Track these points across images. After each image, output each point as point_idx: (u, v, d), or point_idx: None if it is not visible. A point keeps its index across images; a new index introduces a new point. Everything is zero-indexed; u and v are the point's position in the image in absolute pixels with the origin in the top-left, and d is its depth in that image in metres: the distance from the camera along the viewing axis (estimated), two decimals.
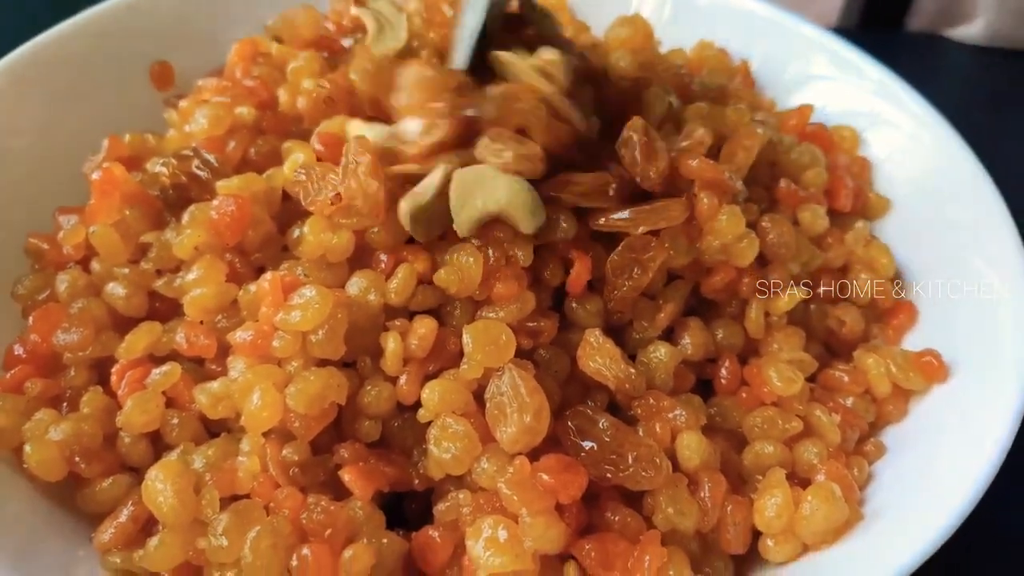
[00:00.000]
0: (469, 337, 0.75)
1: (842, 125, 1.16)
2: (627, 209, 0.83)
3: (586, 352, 0.79)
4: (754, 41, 1.27)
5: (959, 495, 0.75)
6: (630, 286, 0.82)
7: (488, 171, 0.79)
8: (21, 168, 1.03)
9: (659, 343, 0.84)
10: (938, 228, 1.04)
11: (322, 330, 0.76)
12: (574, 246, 0.83)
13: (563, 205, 0.82)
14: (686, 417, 0.79)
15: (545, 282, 0.83)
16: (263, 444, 0.76)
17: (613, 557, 0.73)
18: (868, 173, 1.12)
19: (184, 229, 0.84)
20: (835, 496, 0.78)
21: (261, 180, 0.87)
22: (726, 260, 0.88)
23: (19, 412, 0.81)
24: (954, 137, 1.07)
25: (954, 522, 0.73)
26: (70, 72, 1.11)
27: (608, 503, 0.77)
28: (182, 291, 0.83)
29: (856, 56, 1.20)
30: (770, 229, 0.91)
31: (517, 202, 0.78)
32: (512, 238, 0.80)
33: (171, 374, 0.80)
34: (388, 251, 0.81)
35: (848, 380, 0.92)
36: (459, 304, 0.81)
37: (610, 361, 0.78)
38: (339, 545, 0.71)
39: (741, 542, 0.79)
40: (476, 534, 0.71)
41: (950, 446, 0.83)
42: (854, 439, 0.88)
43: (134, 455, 0.81)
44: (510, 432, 0.72)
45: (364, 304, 0.79)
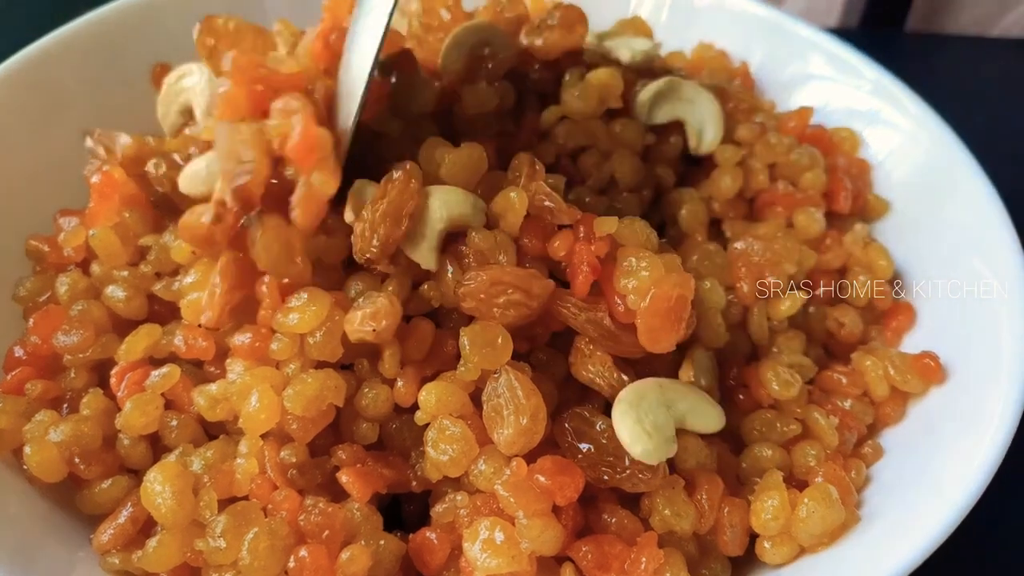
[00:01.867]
0: (466, 339, 0.76)
1: (842, 127, 1.16)
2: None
3: (578, 360, 0.80)
4: (753, 42, 1.28)
5: (957, 498, 0.75)
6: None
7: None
8: (22, 170, 1.04)
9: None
10: (937, 229, 1.04)
11: (320, 332, 0.76)
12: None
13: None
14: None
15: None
16: (261, 446, 0.76)
17: (610, 559, 0.73)
18: (867, 175, 1.12)
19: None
20: (832, 498, 0.78)
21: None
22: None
23: (19, 413, 0.81)
24: (952, 138, 1.07)
25: (951, 525, 0.73)
26: (71, 74, 1.12)
27: (605, 505, 0.77)
28: (180, 295, 0.84)
29: (854, 57, 1.20)
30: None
31: (457, 211, 0.78)
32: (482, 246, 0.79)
33: (170, 376, 0.81)
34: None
35: (846, 382, 0.92)
36: (455, 308, 0.81)
37: (602, 369, 0.78)
38: (337, 546, 0.72)
39: (738, 544, 0.79)
40: (473, 536, 0.72)
41: (948, 448, 0.83)
42: (852, 441, 0.88)
43: (133, 457, 0.81)
44: (507, 434, 0.73)
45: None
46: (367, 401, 0.77)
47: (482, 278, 0.75)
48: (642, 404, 0.76)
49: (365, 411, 0.78)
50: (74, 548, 0.78)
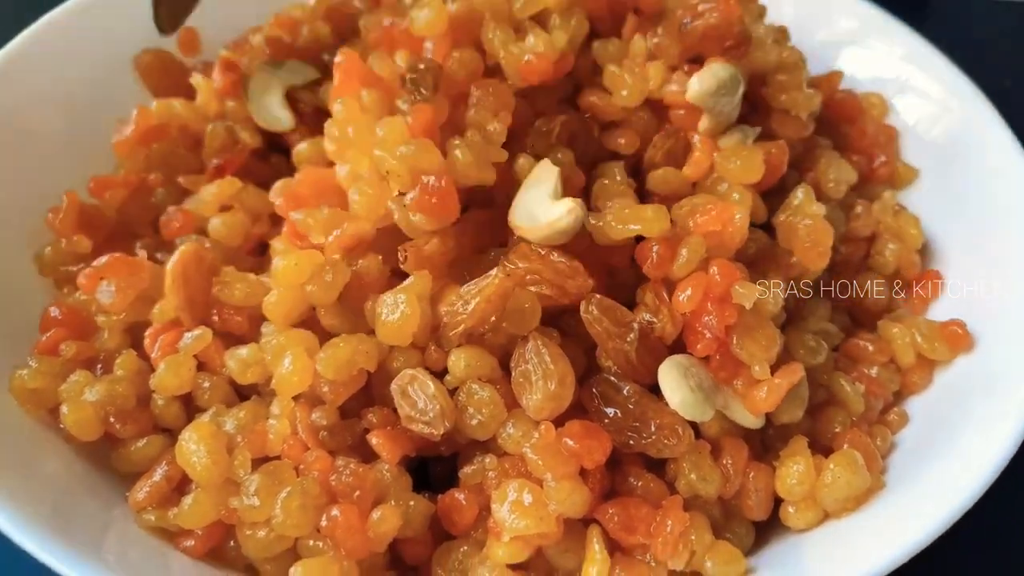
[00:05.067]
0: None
1: (872, 92, 1.14)
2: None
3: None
4: (782, 4, 1.25)
5: (982, 466, 0.75)
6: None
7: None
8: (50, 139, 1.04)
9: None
10: (965, 197, 1.03)
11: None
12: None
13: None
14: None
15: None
16: (293, 408, 0.77)
17: (636, 521, 0.74)
18: (896, 142, 1.11)
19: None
20: (858, 464, 0.78)
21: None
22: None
23: (54, 374, 0.83)
24: (984, 104, 1.06)
25: (977, 493, 0.74)
26: (95, 43, 1.11)
27: (631, 468, 0.78)
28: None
29: (885, 20, 1.18)
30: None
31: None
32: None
33: (202, 338, 0.82)
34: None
35: (872, 350, 0.91)
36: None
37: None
38: (367, 506, 0.73)
39: (763, 509, 0.80)
40: (502, 497, 0.73)
41: (974, 417, 0.83)
42: (878, 408, 0.89)
43: (167, 417, 0.82)
44: (535, 399, 0.73)
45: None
46: (398, 364, 0.78)
47: (520, 267, 0.76)
48: (691, 368, 0.77)
49: (396, 375, 0.78)
50: (110, 506, 0.80)
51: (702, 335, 0.76)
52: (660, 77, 0.88)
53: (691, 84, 0.86)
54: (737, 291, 0.75)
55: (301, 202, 0.85)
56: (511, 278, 0.74)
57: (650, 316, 0.78)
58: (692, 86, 0.85)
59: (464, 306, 0.75)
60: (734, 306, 0.76)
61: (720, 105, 0.86)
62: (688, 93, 0.86)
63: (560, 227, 0.77)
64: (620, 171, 0.86)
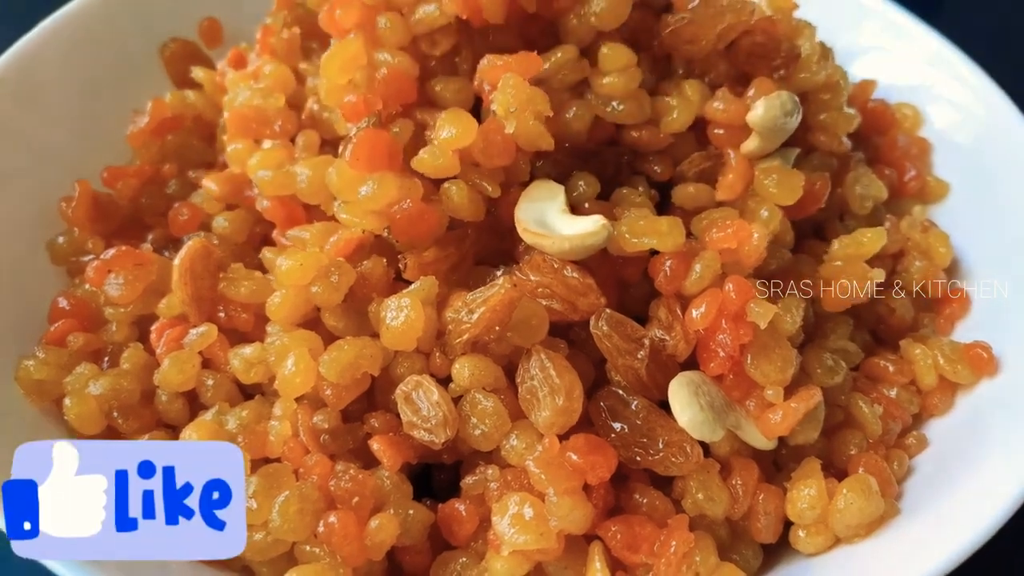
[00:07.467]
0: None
1: (904, 103, 1.11)
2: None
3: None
4: (804, 9, 1.22)
5: (1002, 495, 0.73)
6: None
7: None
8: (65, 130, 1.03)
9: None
10: (993, 210, 1.00)
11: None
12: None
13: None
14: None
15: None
16: (295, 409, 0.76)
17: (639, 540, 0.73)
18: (928, 155, 1.08)
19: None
20: (872, 490, 0.76)
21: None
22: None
23: (60, 365, 0.83)
24: (1012, 111, 1.02)
25: (997, 523, 0.71)
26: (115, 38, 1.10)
27: (637, 485, 0.76)
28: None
29: (910, 23, 1.15)
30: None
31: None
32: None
33: (207, 335, 0.81)
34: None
35: (893, 370, 0.89)
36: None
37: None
38: (366, 513, 0.72)
39: (772, 531, 0.78)
40: (502, 510, 0.71)
41: (996, 443, 0.81)
42: (896, 431, 0.86)
43: (171, 412, 0.82)
44: (545, 416, 0.72)
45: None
46: (402, 370, 0.77)
47: (531, 279, 0.75)
48: (703, 386, 0.75)
49: (399, 381, 0.77)
50: None
51: (715, 353, 0.74)
52: (699, 95, 0.86)
53: (755, 108, 0.83)
54: (753, 309, 0.73)
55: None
56: (517, 288, 0.73)
57: (662, 333, 0.76)
58: (756, 110, 0.83)
59: (469, 315, 0.74)
60: (749, 324, 0.73)
61: (776, 129, 0.84)
62: (750, 116, 0.83)
63: (590, 243, 0.75)
64: (643, 183, 0.85)
